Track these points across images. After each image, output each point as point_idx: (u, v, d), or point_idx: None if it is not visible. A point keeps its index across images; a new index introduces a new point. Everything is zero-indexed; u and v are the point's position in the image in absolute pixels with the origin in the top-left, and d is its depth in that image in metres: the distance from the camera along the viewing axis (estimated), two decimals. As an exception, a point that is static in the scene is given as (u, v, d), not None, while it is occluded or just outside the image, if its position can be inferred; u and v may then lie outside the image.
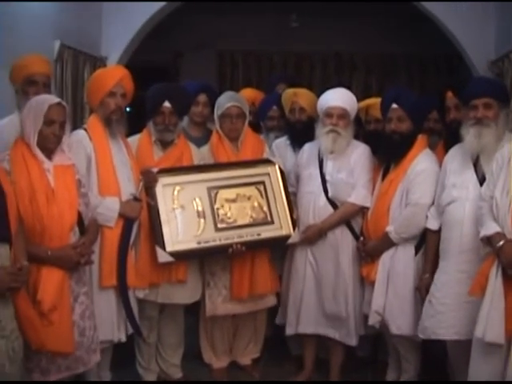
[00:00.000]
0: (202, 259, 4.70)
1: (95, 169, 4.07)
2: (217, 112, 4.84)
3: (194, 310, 5.01)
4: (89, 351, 3.75)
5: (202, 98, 5.21)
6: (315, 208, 4.63)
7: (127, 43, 7.20)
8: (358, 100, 4.93)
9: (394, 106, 4.39)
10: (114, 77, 4.23)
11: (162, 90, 4.60)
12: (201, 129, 5.30)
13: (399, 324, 4.36)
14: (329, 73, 10.75)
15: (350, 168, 4.62)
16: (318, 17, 9.60)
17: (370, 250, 4.48)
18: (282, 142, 5.22)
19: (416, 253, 4.37)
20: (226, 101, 4.81)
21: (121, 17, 7.13)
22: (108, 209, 4.03)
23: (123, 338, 4.21)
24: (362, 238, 4.57)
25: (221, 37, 10.18)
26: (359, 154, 4.67)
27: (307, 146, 4.88)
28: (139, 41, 7.40)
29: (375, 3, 8.72)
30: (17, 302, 3.22)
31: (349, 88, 4.98)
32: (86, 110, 6.45)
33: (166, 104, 4.49)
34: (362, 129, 5.25)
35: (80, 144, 4.07)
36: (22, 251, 3.26)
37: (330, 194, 4.61)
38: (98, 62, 6.92)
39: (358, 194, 4.59)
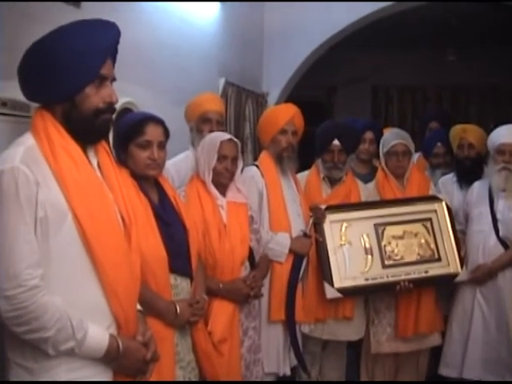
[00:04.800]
0: (368, 296, 4.68)
1: (266, 205, 4.16)
2: (382, 149, 4.83)
3: (353, 346, 4.98)
4: (250, 384, 3.79)
5: (369, 135, 5.23)
6: (485, 247, 4.52)
7: (288, 79, 7.37)
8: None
9: None
10: (286, 114, 4.33)
11: (332, 129, 4.63)
12: (366, 165, 5.32)
13: None
14: (486, 106, 10.54)
15: (522, 207, 4.49)
16: (474, 50, 9.45)
17: (542, 292, 4.31)
18: (449, 179, 5.13)
19: None
20: (392, 138, 4.79)
21: (281, 54, 7.29)
22: (279, 244, 4.10)
23: (288, 372, 4.25)
24: (534, 280, 4.40)
25: (375, 71, 10.19)
26: (532, 192, 4.52)
27: (477, 184, 4.77)
28: (299, 77, 7.54)
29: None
30: (195, 334, 3.31)
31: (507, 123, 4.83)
32: (248, 145, 6.61)
33: (336, 142, 4.51)
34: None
35: (252, 180, 4.18)
36: (201, 285, 3.35)
37: (501, 234, 4.48)
38: (260, 98, 7.09)
39: (531, 235, 4.44)
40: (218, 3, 6.23)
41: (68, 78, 2.26)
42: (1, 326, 2.19)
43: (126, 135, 3.16)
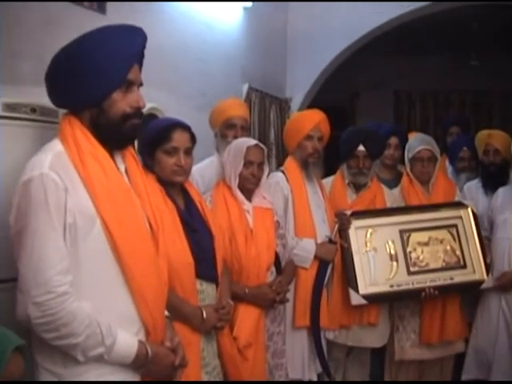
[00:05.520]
0: (392, 303, 4.66)
1: (292, 210, 4.15)
2: (407, 155, 4.80)
3: (377, 352, 4.95)
4: (273, 390, 3.77)
5: (393, 140, 5.20)
6: (510, 254, 4.47)
7: (311, 85, 7.36)
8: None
9: None
10: (312, 120, 4.31)
11: (357, 134, 4.62)
12: (391, 171, 5.28)
13: None
14: (508, 111, 10.44)
15: (547, 213, 4.44)
16: (497, 54, 9.39)
17: None
18: (474, 185, 5.10)
19: None
20: (417, 144, 4.76)
21: (305, 59, 7.30)
22: (304, 250, 4.09)
23: (314, 378, 4.24)
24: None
25: (398, 76, 10.16)
26: (557, 198, 4.48)
27: (502, 190, 4.72)
28: (322, 82, 7.52)
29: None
30: (220, 339, 3.30)
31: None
32: (273, 150, 6.61)
33: (361, 148, 4.49)
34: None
35: (278, 186, 4.17)
36: (226, 291, 3.35)
37: (526, 240, 4.46)
38: (283, 104, 7.09)
39: (557, 241, 4.39)
40: (241, 8, 6.24)
41: (95, 84, 2.27)
42: (29, 331, 2.19)
43: (152, 141, 3.15)
